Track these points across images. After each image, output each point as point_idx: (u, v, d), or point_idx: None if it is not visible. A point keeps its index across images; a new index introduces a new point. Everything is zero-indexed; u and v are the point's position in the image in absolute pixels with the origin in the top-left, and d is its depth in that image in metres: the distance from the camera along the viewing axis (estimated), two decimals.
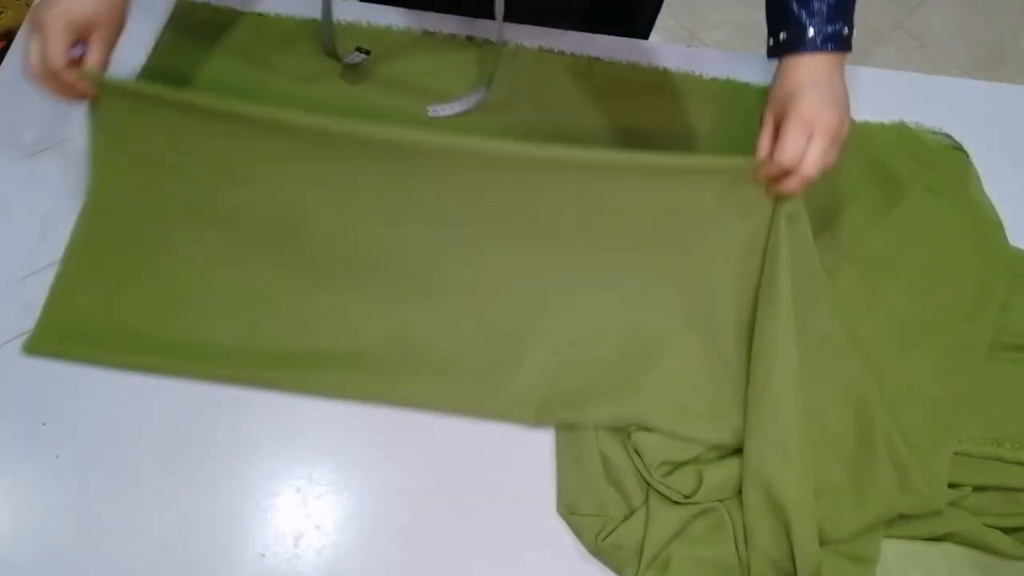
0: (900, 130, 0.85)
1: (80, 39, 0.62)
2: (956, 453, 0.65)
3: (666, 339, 0.68)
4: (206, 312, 0.67)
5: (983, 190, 0.81)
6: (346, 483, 0.62)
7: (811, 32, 0.59)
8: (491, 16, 0.74)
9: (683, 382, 0.67)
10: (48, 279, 0.67)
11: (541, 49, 0.85)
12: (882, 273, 0.73)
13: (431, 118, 0.79)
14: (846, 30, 0.60)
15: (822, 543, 0.60)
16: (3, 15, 1.08)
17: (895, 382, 0.68)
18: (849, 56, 0.61)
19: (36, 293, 0.67)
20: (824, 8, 0.59)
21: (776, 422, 0.61)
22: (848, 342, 0.68)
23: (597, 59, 0.85)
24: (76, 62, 0.62)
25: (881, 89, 0.87)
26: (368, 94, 0.81)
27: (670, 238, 0.68)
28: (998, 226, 0.78)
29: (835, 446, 0.64)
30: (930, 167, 0.82)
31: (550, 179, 0.66)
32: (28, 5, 0.85)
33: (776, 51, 0.62)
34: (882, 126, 0.84)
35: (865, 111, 0.84)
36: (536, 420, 0.65)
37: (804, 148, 0.58)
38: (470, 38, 0.85)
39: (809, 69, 0.60)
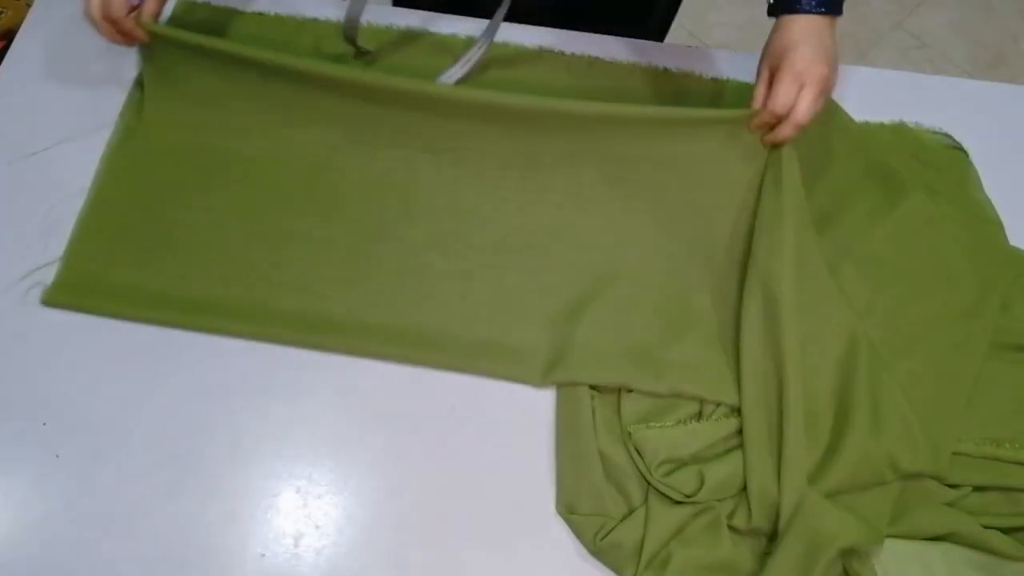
0: (900, 130, 0.84)
1: None
2: (956, 453, 0.65)
3: (680, 289, 0.71)
4: (223, 268, 0.69)
5: (983, 190, 0.81)
6: (346, 483, 0.62)
7: None
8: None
9: (699, 338, 0.69)
10: (48, 279, 0.68)
11: (541, 49, 0.85)
12: (882, 273, 0.73)
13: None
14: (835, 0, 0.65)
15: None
16: (3, 15, 1.08)
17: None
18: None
19: (36, 292, 0.67)
20: None
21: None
22: (835, 285, 0.69)
23: (597, 59, 0.85)
24: (132, 9, 0.70)
25: (881, 89, 0.87)
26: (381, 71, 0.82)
27: (678, 181, 0.73)
28: (998, 226, 0.78)
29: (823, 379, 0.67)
30: (930, 167, 0.82)
31: (562, 128, 0.72)
32: (28, 5, 0.85)
33: (774, 10, 0.67)
34: (882, 126, 0.84)
35: (865, 111, 0.84)
36: (542, 378, 0.66)
37: (795, 97, 0.64)
38: (470, 38, 0.85)
39: (803, 27, 0.65)
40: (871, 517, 0.62)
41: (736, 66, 0.86)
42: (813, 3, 0.65)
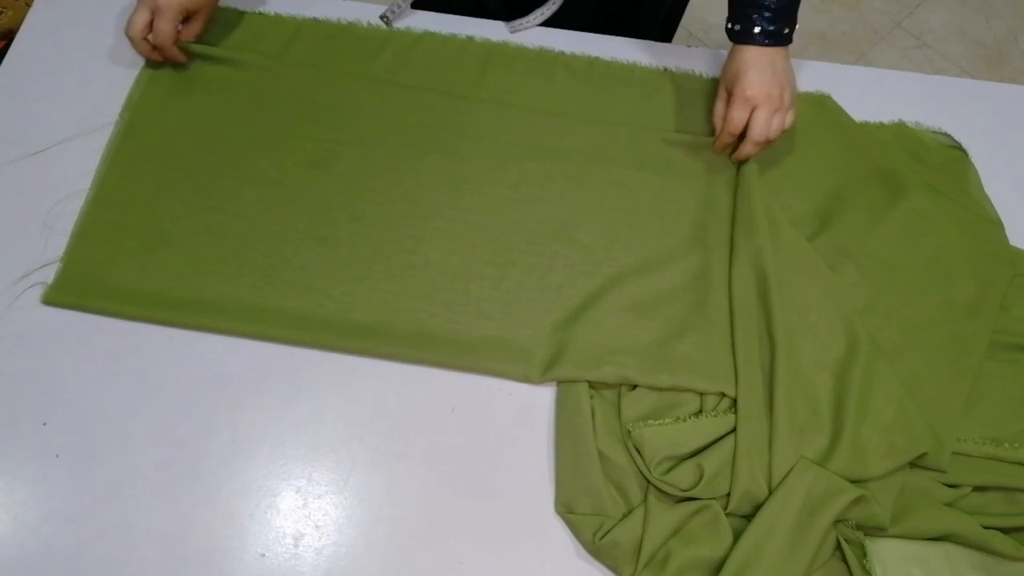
0: (900, 130, 0.85)
1: (184, 19, 0.75)
2: (956, 453, 0.65)
3: (681, 287, 0.72)
4: (224, 267, 0.69)
5: (983, 190, 0.81)
6: (346, 483, 0.63)
7: (757, 30, 0.71)
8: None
9: (701, 334, 0.69)
10: (48, 279, 0.68)
11: (541, 49, 0.85)
12: (882, 272, 0.73)
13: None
14: (787, 30, 0.72)
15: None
16: (3, 15, 1.08)
17: None
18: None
19: (36, 292, 0.67)
20: (769, 14, 0.71)
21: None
22: (831, 278, 0.71)
23: (597, 59, 0.85)
24: (177, 35, 0.75)
25: (881, 89, 0.87)
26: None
27: (675, 184, 0.78)
28: (998, 225, 0.78)
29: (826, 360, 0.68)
30: (930, 166, 0.82)
31: (560, 133, 0.79)
32: (28, 5, 0.85)
33: (730, 36, 0.74)
34: (882, 126, 0.85)
35: (865, 111, 0.84)
36: (542, 375, 0.66)
37: (747, 118, 0.72)
38: (470, 38, 0.85)
39: (754, 54, 0.72)
40: (878, 496, 0.62)
41: None
42: (762, 37, 0.71)
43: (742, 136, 0.74)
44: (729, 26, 0.74)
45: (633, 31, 0.89)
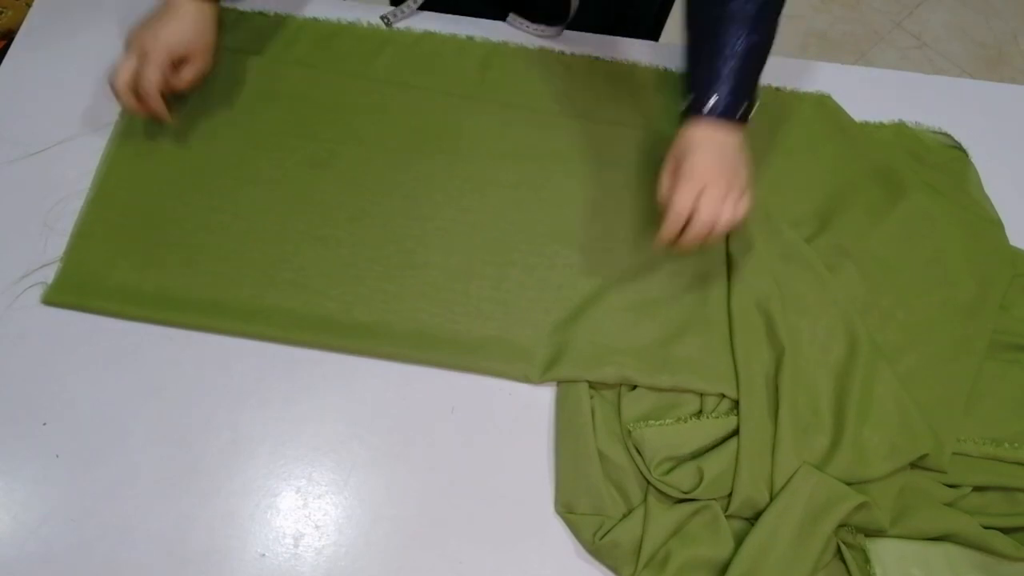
0: (900, 130, 0.85)
1: (174, 67, 0.70)
2: (956, 453, 0.65)
3: (682, 288, 0.72)
4: (223, 267, 0.69)
5: (983, 190, 0.81)
6: (346, 483, 0.62)
7: (712, 102, 0.63)
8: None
9: (701, 334, 0.69)
10: (48, 279, 0.68)
11: (541, 49, 0.85)
12: (882, 272, 0.73)
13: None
14: (741, 110, 0.64)
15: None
16: (3, 15, 1.08)
17: None
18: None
19: (36, 292, 0.67)
20: (726, 87, 0.63)
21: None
22: (831, 281, 0.71)
23: (597, 59, 0.85)
24: (165, 84, 0.69)
25: (881, 89, 0.87)
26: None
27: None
28: (998, 225, 0.78)
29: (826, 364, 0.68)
30: (930, 166, 0.82)
31: (561, 132, 0.79)
32: (28, 5, 0.85)
33: (681, 113, 0.66)
34: (882, 126, 0.85)
35: (865, 111, 0.84)
36: (543, 375, 0.66)
37: (693, 203, 0.62)
38: (470, 38, 0.85)
39: (704, 131, 0.64)
40: (877, 499, 0.62)
41: None
42: (713, 110, 0.63)
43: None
44: (682, 100, 0.66)
45: (628, 29, 0.89)
